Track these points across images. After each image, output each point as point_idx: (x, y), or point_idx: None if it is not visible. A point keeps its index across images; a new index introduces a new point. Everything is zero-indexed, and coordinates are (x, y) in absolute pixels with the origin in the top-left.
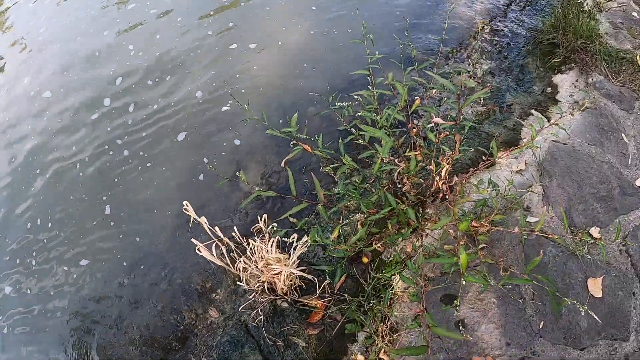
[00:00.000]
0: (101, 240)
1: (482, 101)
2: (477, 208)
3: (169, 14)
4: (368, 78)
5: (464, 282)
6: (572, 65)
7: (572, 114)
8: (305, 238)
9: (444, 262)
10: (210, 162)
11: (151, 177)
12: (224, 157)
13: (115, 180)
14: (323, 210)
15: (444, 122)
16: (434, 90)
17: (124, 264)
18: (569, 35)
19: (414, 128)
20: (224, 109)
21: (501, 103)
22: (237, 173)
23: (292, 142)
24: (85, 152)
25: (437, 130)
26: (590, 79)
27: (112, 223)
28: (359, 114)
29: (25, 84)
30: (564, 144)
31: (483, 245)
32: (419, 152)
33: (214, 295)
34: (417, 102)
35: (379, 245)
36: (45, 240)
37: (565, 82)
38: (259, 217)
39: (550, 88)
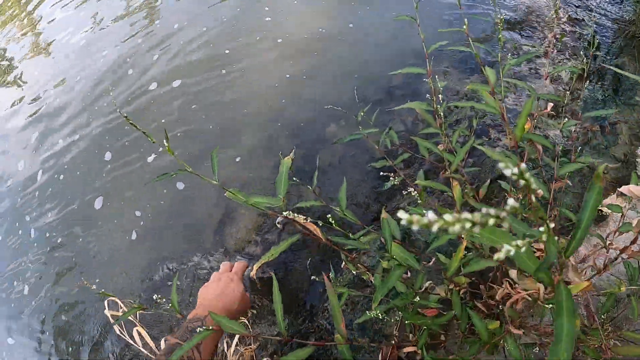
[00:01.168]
0: None
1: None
2: (604, 311)
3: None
4: (425, 80)
5: None
6: None
7: None
8: None
9: None
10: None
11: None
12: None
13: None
14: (347, 352)
15: None
16: (550, 105)
17: None
18: None
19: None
20: (150, 158)
21: (601, 121)
22: (157, 297)
23: (277, 221)
24: None
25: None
26: None
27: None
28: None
29: None
30: None
31: None
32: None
33: None
34: (527, 125)
35: None
36: None
37: None
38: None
39: None
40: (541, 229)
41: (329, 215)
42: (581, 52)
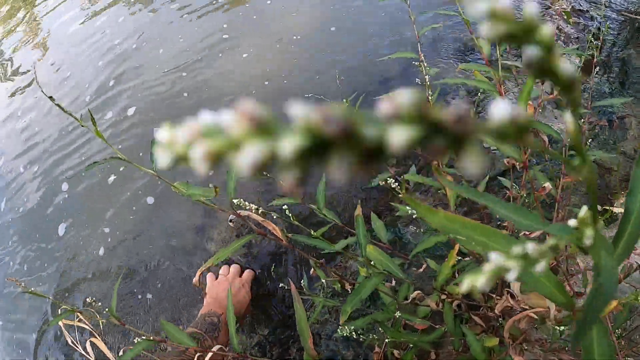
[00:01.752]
0: None
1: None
2: (619, 324)
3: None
4: (416, 65)
5: None
6: None
7: None
8: None
9: None
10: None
11: None
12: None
13: None
14: None
15: None
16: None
17: None
18: None
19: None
20: (111, 179)
21: (609, 115)
22: None
23: (230, 219)
24: None
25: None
26: None
27: None
28: None
29: None
30: None
31: None
32: None
33: None
34: (530, 109)
35: None
36: None
37: None
38: None
39: None
40: (571, 222)
41: (285, 207)
42: (587, 42)
